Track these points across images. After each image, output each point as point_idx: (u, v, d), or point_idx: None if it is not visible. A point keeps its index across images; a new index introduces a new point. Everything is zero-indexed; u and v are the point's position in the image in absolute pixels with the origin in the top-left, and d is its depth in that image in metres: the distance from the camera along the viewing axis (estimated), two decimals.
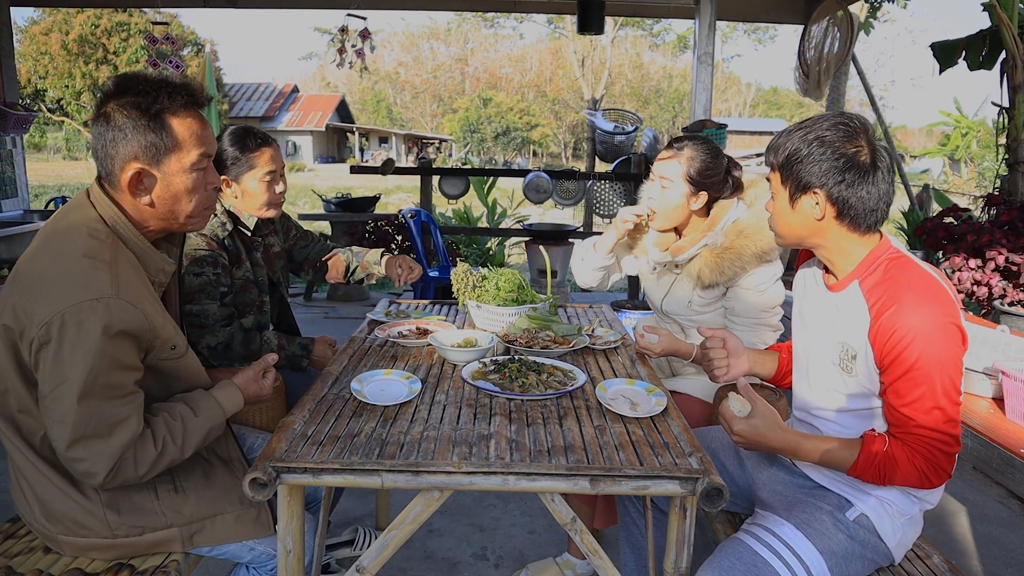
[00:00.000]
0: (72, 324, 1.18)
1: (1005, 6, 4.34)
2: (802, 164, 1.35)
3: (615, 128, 6.50)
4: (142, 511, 1.38)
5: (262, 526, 1.46)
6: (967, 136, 18.98)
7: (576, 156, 38.38)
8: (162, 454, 1.29)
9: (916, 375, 1.27)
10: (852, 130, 1.33)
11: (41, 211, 4.69)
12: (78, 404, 1.19)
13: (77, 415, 1.20)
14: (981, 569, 2.36)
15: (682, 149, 1.99)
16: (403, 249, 5.43)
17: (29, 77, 21.44)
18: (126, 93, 1.28)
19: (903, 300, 1.28)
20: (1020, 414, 1.77)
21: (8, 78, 4.94)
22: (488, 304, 2.05)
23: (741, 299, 2.00)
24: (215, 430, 1.40)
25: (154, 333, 1.30)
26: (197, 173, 1.35)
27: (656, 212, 2.03)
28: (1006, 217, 3.79)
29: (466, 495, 2.68)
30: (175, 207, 1.35)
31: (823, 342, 1.46)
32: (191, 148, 1.32)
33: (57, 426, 1.21)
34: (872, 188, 1.32)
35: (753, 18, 7.29)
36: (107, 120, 1.27)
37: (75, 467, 1.23)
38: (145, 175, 1.30)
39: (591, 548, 1.36)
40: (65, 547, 1.38)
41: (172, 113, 1.29)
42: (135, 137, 1.27)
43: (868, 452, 1.33)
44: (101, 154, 1.29)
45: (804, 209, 1.37)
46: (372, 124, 38.41)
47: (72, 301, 1.19)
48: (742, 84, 42.65)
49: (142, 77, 1.29)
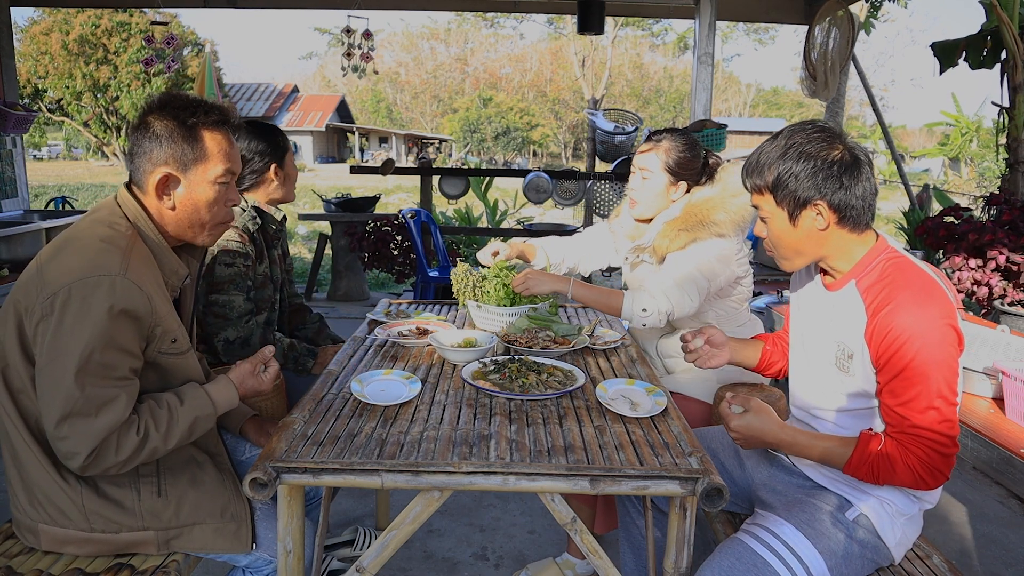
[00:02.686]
0: (77, 298, 1.24)
1: (1005, 6, 4.34)
2: (796, 181, 1.34)
3: (615, 128, 6.49)
4: (121, 508, 1.38)
5: (240, 542, 1.45)
6: (967, 136, 18.98)
7: (576, 156, 38.38)
8: (144, 441, 1.29)
9: (911, 375, 1.27)
10: (828, 135, 1.35)
11: (41, 211, 4.69)
12: (72, 379, 1.22)
13: (68, 390, 1.22)
14: (981, 569, 2.36)
15: (660, 141, 2.06)
16: (403, 249, 5.43)
17: (29, 77, 21.43)
18: (167, 107, 1.39)
19: (899, 300, 1.29)
20: (1020, 414, 1.77)
21: (8, 78, 4.94)
22: (488, 304, 2.05)
23: (676, 259, 1.99)
24: (202, 422, 1.39)
25: (156, 319, 1.33)
26: (220, 187, 1.44)
27: (637, 203, 2.10)
28: (1007, 217, 3.78)
29: (466, 495, 2.68)
30: (194, 215, 1.43)
31: (820, 341, 1.46)
32: (218, 162, 1.42)
33: (48, 400, 1.24)
34: (865, 184, 1.34)
35: (753, 18, 7.30)
36: (146, 128, 1.38)
37: (59, 446, 1.25)
38: (172, 180, 1.39)
39: (591, 548, 1.36)
40: (43, 538, 1.38)
41: (205, 127, 1.40)
42: (168, 145, 1.37)
43: (863, 450, 1.33)
44: (136, 158, 1.39)
45: (806, 224, 1.37)
46: (372, 124, 38.41)
47: (79, 276, 1.25)
48: (742, 84, 42.67)
49: (183, 95, 1.42)
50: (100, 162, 26.81)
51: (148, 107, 1.40)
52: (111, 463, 1.27)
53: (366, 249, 5.44)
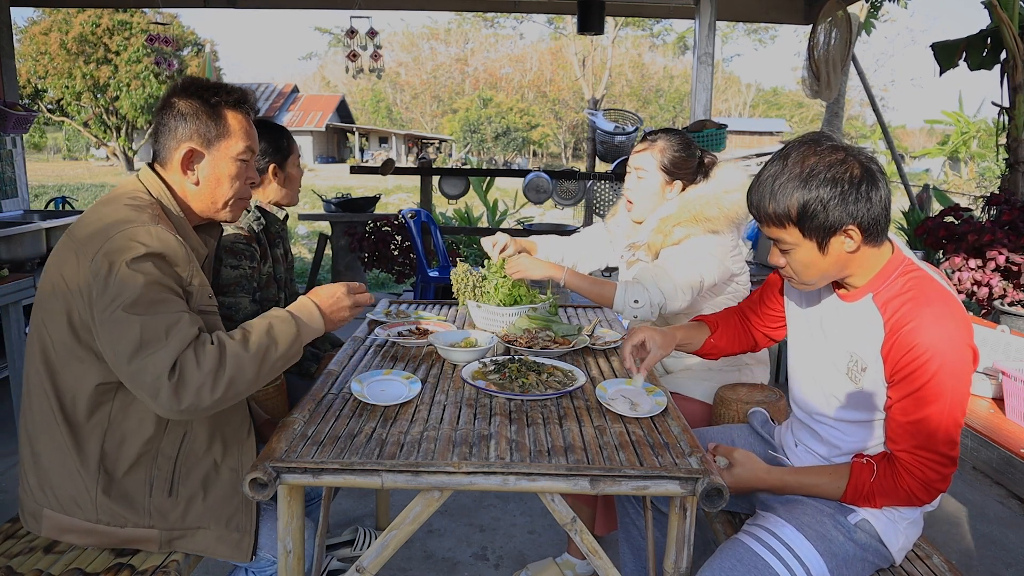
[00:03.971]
0: (119, 251, 1.28)
1: (1005, 6, 4.34)
2: (826, 211, 1.25)
3: (615, 128, 6.49)
4: (130, 504, 1.39)
5: (241, 552, 1.45)
6: (966, 136, 18.97)
7: (576, 156, 38.38)
8: (222, 350, 1.29)
9: (926, 394, 1.26)
10: (840, 150, 1.28)
11: (41, 211, 4.68)
12: (132, 317, 1.25)
13: (131, 327, 1.24)
14: (981, 569, 2.36)
15: (655, 141, 2.07)
16: (403, 249, 5.43)
17: (29, 77, 21.42)
18: (190, 88, 1.47)
19: (922, 318, 1.26)
20: (1020, 414, 1.77)
21: (8, 78, 4.93)
22: (488, 304, 2.05)
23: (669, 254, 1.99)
24: (280, 327, 1.38)
25: (192, 270, 1.38)
26: (240, 163, 1.52)
27: (633, 203, 2.10)
28: (1007, 217, 3.78)
29: (466, 495, 2.68)
30: (216, 189, 1.50)
31: (830, 348, 1.44)
32: (239, 139, 1.50)
33: (115, 348, 1.25)
34: (883, 191, 1.28)
35: (753, 18, 7.29)
36: (171, 108, 1.46)
37: (140, 382, 1.24)
38: (196, 155, 1.47)
39: (591, 548, 1.36)
40: (45, 523, 1.39)
41: (227, 106, 1.49)
42: (193, 122, 1.45)
43: (857, 482, 1.35)
44: (161, 136, 1.47)
45: (835, 250, 1.30)
46: (372, 124, 38.41)
47: (116, 231, 1.31)
48: (742, 84, 42.67)
49: (205, 79, 1.50)
50: (100, 162, 26.80)
51: (172, 90, 1.48)
52: (198, 380, 1.24)
53: (366, 249, 5.43)
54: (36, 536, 1.47)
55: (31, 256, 3.33)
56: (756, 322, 1.73)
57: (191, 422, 1.45)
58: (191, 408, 1.24)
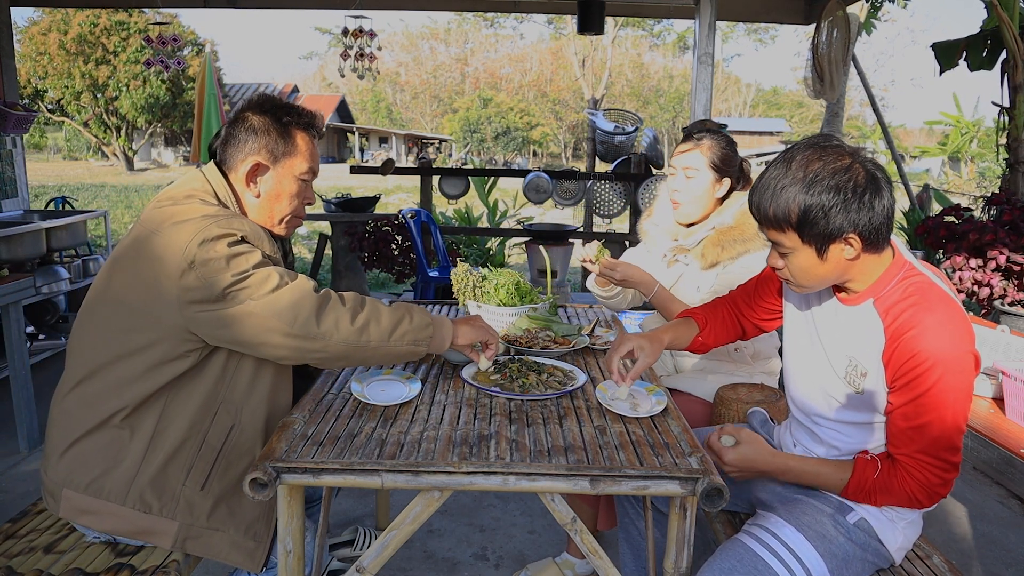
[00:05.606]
0: (206, 243, 1.34)
1: (1005, 6, 4.34)
2: (826, 217, 1.23)
3: (615, 128, 6.50)
4: (163, 489, 1.39)
5: (254, 562, 1.45)
6: (966, 136, 18.98)
7: (576, 156, 38.38)
8: (363, 297, 1.42)
9: (928, 401, 1.25)
10: (844, 154, 1.25)
11: (41, 211, 4.68)
12: (256, 289, 1.33)
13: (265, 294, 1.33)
14: (981, 569, 2.36)
15: (702, 140, 2.07)
16: (403, 249, 5.42)
17: (29, 77, 21.42)
18: (264, 105, 1.55)
19: (925, 324, 1.24)
20: (1020, 414, 1.77)
21: (8, 78, 4.93)
22: (488, 304, 2.05)
23: (730, 275, 1.99)
24: (416, 309, 1.50)
25: (272, 250, 1.46)
26: (302, 183, 1.59)
27: (681, 204, 2.08)
28: (1007, 217, 3.78)
29: (466, 495, 2.68)
30: (275, 205, 1.57)
31: (830, 351, 1.43)
32: (304, 160, 1.57)
33: (269, 320, 1.33)
34: (887, 198, 1.26)
35: (753, 18, 7.29)
36: (244, 121, 1.53)
37: (277, 306, 1.34)
38: (262, 168, 1.54)
39: (591, 548, 1.36)
40: (64, 504, 1.38)
41: (297, 127, 1.56)
42: (264, 136, 1.52)
43: (859, 478, 1.35)
44: (230, 147, 1.53)
45: (834, 256, 1.28)
46: (372, 124, 38.41)
47: (199, 225, 1.36)
48: (742, 84, 42.68)
49: (280, 99, 1.59)
50: (100, 162, 26.79)
51: (246, 105, 1.56)
52: (339, 309, 1.38)
53: (366, 249, 5.43)
54: (36, 536, 1.47)
55: (31, 256, 3.32)
56: (747, 312, 1.71)
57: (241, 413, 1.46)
58: (326, 334, 1.35)
